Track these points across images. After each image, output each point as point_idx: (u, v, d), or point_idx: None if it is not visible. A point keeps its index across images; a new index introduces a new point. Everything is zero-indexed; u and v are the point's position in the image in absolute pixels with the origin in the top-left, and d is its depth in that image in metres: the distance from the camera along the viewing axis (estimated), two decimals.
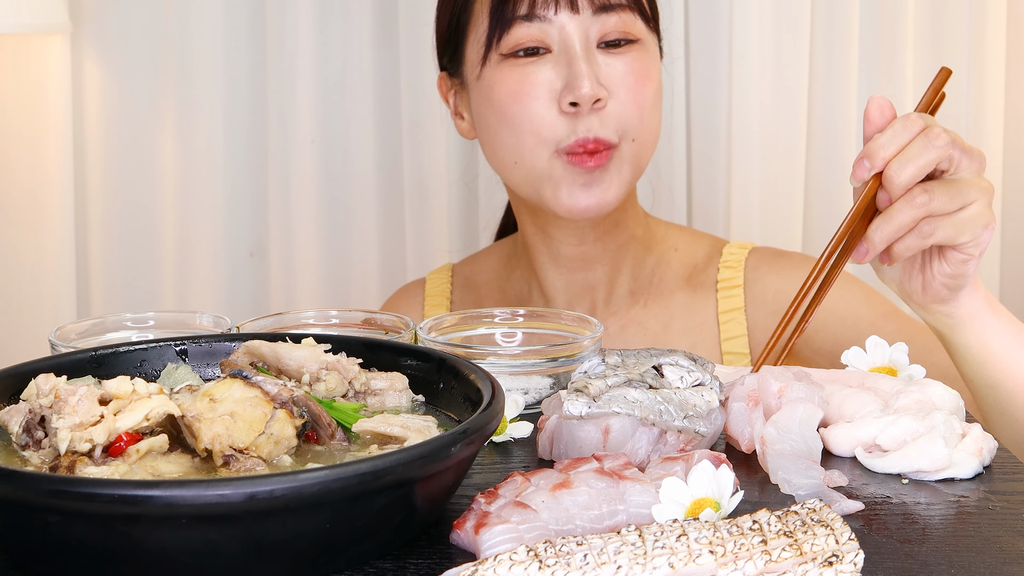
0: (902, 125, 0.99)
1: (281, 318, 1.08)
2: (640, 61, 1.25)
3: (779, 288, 1.34)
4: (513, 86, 1.23)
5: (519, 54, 1.24)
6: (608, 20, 1.23)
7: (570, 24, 1.22)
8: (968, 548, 0.73)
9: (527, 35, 1.23)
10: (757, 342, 1.35)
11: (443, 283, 1.47)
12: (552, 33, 1.23)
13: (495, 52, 1.25)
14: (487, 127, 1.28)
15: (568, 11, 1.22)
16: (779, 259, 1.38)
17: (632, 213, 1.35)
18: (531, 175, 1.26)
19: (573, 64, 1.21)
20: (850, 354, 0.99)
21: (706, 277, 1.37)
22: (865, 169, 0.99)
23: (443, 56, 1.35)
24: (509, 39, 1.23)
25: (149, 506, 0.65)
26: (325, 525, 0.69)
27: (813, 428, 0.85)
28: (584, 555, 0.66)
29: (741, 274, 1.36)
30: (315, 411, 0.81)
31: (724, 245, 1.40)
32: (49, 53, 1.89)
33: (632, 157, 1.25)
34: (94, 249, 1.99)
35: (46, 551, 0.69)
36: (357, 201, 1.96)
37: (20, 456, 0.78)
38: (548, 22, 1.23)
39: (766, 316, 1.34)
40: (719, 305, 1.35)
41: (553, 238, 1.33)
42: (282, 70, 1.91)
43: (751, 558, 0.66)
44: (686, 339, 1.35)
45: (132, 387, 0.79)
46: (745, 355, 1.34)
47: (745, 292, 1.35)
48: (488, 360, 0.97)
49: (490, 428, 0.76)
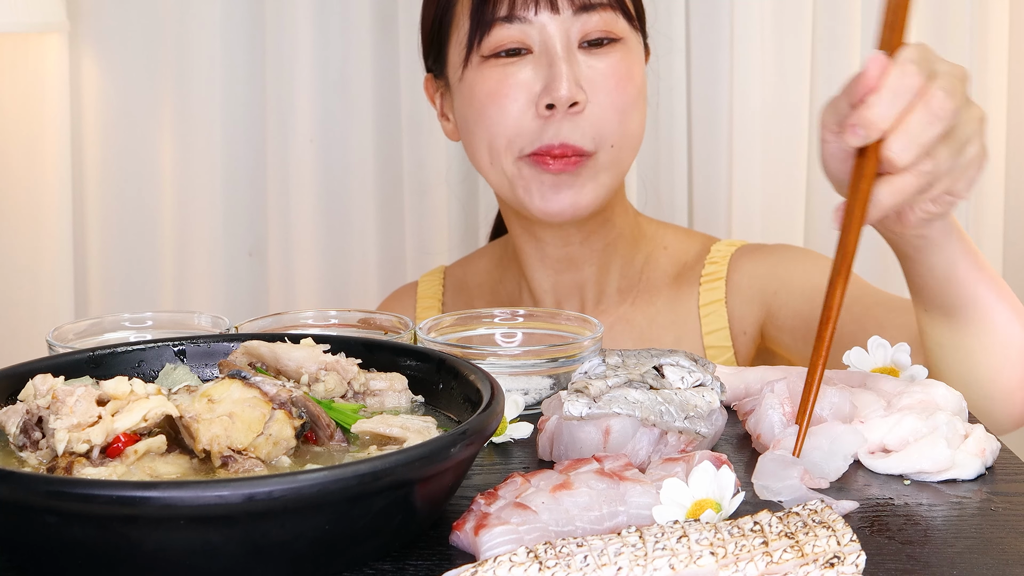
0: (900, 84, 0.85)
1: (280, 318, 1.08)
2: (623, 61, 1.24)
3: (753, 273, 1.34)
4: (492, 87, 1.23)
5: (500, 55, 1.23)
6: (589, 20, 1.23)
7: (551, 24, 1.22)
8: (970, 549, 0.72)
9: (507, 36, 1.23)
10: (736, 332, 1.34)
11: (435, 286, 1.47)
12: (532, 34, 1.22)
13: (476, 54, 1.24)
14: (467, 128, 1.28)
15: (548, 11, 1.22)
16: (759, 249, 1.37)
17: (620, 211, 1.34)
18: (504, 177, 1.26)
19: (553, 65, 1.21)
20: (852, 354, 0.99)
21: (692, 273, 1.37)
22: (859, 137, 0.86)
23: (428, 58, 1.35)
24: (489, 40, 1.23)
25: (147, 507, 0.64)
26: (324, 526, 0.68)
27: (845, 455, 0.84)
28: (584, 556, 0.66)
29: (725, 268, 1.36)
30: (314, 412, 0.81)
31: (714, 243, 1.39)
32: (47, 52, 1.89)
33: (611, 163, 1.25)
34: (92, 249, 1.99)
35: (44, 553, 0.69)
36: (356, 200, 1.95)
37: (17, 457, 0.78)
38: (528, 23, 1.22)
39: (741, 304, 1.34)
40: (700, 298, 1.35)
41: (540, 239, 1.33)
42: (281, 68, 1.91)
43: (752, 560, 0.66)
44: (670, 334, 1.35)
45: (130, 388, 0.79)
46: (728, 348, 1.34)
47: (727, 284, 1.35)
48: (488, 360, 0.97)
49: (490, 429, 0.75)
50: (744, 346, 1.35)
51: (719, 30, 1.85)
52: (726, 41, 1.85)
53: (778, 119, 1.86)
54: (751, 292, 1.33)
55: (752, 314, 1.34)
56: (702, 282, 1.35)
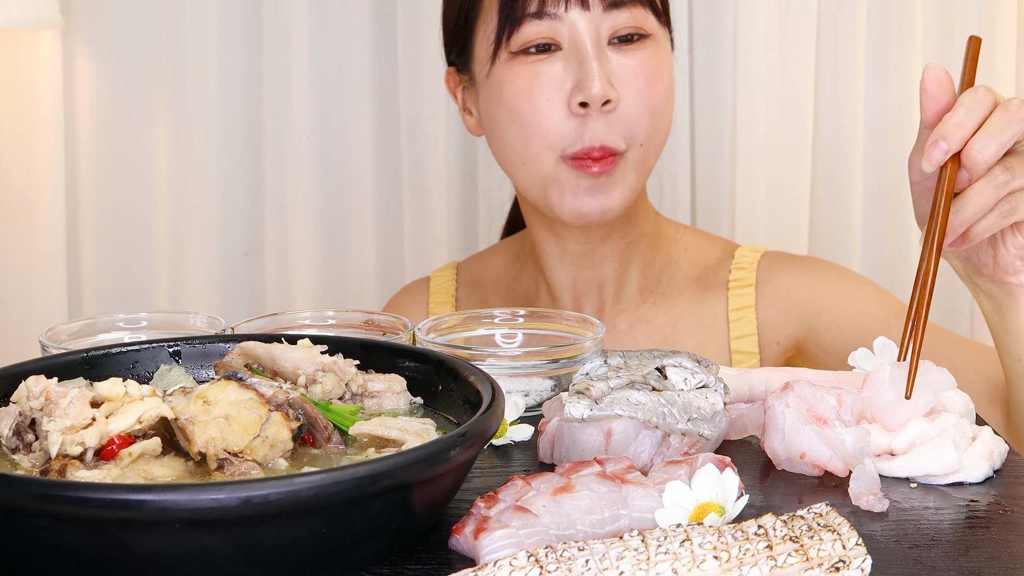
0: (973, 100, 0.93)
1: (277, 319, 1.07)
2: (653, 57, 1.24)
3: (790, 287, 1.34)
4: (523, 85, 1.23)
5: (529, 51, 1.23)
6: (619, 16, 1.22)
7: (581, 21, 1.21)
8: (978, 554, 0.72)
9: (537, 32, 1.22)
10: (767, 341, 1.34)
11: (448, 281, 1.46)
12: (563, 30, 1.22)
13: (504, 50, 1.24)
14: (495, 126, 1.27)
15: (579, 8, 1.21)
16: (792, 260, 1.38)
17: (642, 210, 1.34)
18: (538, 178, 1.25)
19: (584, 63, 1.21)
20: (857, 355, 0.98)
21: (717, 277, 1.37)
22: (942, 151, 0.91)
23: (451, 52, 1.34)
24: (519, 37, 1.23)
25: (142, 511, 0.64)
26: (322, 530, 0.68)
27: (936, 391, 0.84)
28: (586, 560, 0.66)
29: (753, 275, 1.36)
30: (311, 414, 0.80)
31: (736, 248, 1.40)
32: (40, 48, 1.88)
33: (639, 162, 1.25)
34: (86, 248, 1.98)
35: (37, 557, 0.68)
36: (354, 199, 1.95)
37: (10, 460, 0.77)
38: (558, 19, 1.22)
39: (776, 315, 1.34)
40: (729, 303, 1.35)
41: (560, 236, 1.33)
42: (278, 65, 1.90)
43: (756, 564, 0.66)
44: (695, 337, 1.35)
45: (124, 389, 0.78)
46: (755, 354, 1.34)
47: (757, 291, 1.35)
48: (488, 362, 0.96)
49: (490, 431, 0.75)
50: (773, 355, 1.35)
51: (723, 29, 1.85)
52: (729, 40, 1.84)
53: (782, 120, 1.86)
54: (789, 305, 1.34)
55: (788, 327, 1.34)
56: (730, 287, 1.35)
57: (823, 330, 1.30)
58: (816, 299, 1.33)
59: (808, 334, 1.33)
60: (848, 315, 1.28)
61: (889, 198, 1.91)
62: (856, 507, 0.78)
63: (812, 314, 1.33)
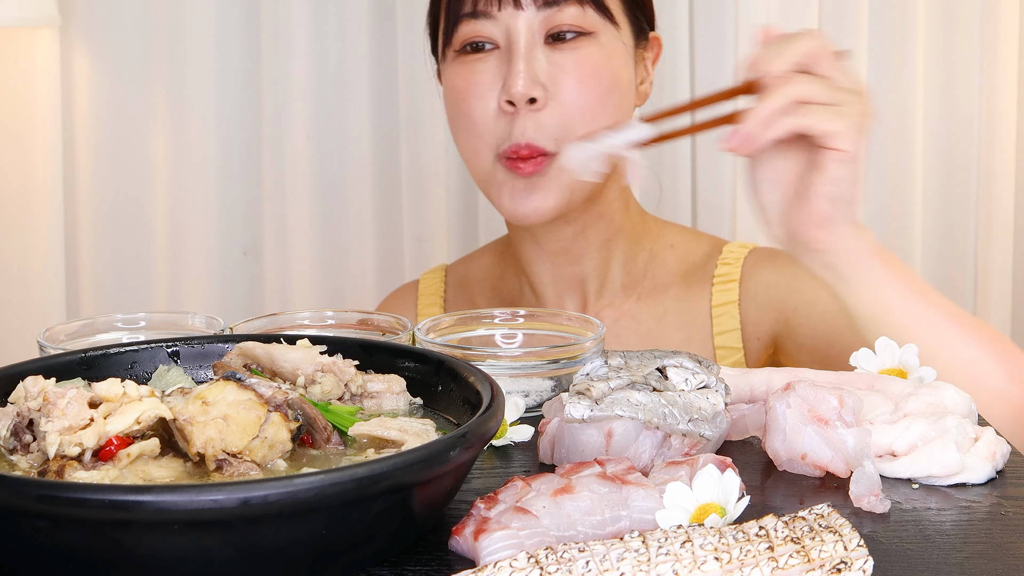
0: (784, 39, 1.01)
1: (276, 319, 1.07)
2: (592, 56, 1.23)
3: (770, 282, 1.34)
4: (461, 83, 1.25)
5: (467, 50, 1.25)
6: (555, 14, 1.22)
7: (515, 20, 1.22)
8: (980, 555, 0.72)
9: (473, 31, 1.24)
10: (749, 336, 1.34)
11: (436, 283, 1.47)
12: (498, 29, 1.23)
13: (450, 49, 1.27)
14: (449, 124, 1.31)
15: (512, 7, 1.22)
16: (775, 255, 1.37)
17: (619, 207, 1.34)
18: (481, 176, 1.27)
19: (512, 62, 1.22)
20: (859, 356, 0.97)
21: (703, 273, 1.37)
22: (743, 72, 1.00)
23: (433, 50, 1.37)
24: (458, 36, 1.25)
25: (140, 512, 0.64)
26: (321, 531, 0.68)
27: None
28: (586, 562, 0.66)
29: (739, 270, 1.35)
30: (310, 414, 0.80)
31: (725, 244, 1.39)
32: (38, 47, 1.88)
33: None
34: (84, 248, 1.97)
35: (35, 558, 0.68)
36: (354, 199, 1.95)
37: (8, 460, 0.77)
38: (493, 18, 1.23)
39: (757, 310, 1.34)
40: (713, 299, 1.35)
41: (534, 233, 1.34)
42: (277, 64, 1.90)
43: (758, 565, 0.65)
44: (680, 333, 1.35)
45: (123, 390, 0.78)
46: (738, 349, 1.33)
47: (740, 286, 1.35)
48: (488, 362, 0.96)
49: (490, 432, 0.75)
50: (755, 351, 1.34)
51: (723, 29, 1.84)
52: (730, 39, 1.84)
53: None
54: (767, 299, 1.33)
55: (767, 322, 1.34)
56: (715, 283, 1.35)
57: (796, 326, 1.30)
58: (792, 295, 1.32)
59: (783, 330, 1.33)
60: (819, 311, 1.28)
61: (890, 195, 1.91)
62: (858, 508, 0.78)
63: (788, 309, 1.32)
